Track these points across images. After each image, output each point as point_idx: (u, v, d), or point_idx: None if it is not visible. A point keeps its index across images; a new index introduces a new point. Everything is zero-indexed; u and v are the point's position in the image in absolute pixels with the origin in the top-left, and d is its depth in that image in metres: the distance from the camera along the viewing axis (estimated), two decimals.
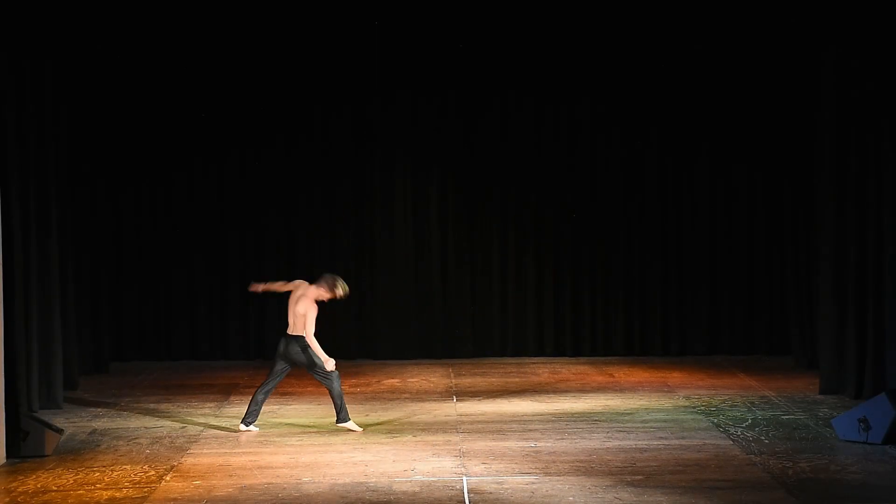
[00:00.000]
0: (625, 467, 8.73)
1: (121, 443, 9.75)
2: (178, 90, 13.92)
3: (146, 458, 9.20)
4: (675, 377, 12.73)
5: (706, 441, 9.59)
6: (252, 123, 14.07)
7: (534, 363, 13.86)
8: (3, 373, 9.28)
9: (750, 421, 10.36)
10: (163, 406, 11.31)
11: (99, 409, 11.16)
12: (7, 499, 8.11)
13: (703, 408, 10.97)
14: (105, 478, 8.59)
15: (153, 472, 8.72)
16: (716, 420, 10.39)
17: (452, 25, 13.92)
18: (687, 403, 11.21)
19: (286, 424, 10.41)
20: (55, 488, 8.33)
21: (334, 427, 10.24)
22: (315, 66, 13.98)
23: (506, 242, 14.37)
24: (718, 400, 11.35)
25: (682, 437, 9.73)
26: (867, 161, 11.06)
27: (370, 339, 14.24)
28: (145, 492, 8.21)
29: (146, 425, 10.43)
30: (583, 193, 14.30)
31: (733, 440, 9.60)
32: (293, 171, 14.18)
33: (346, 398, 11.70)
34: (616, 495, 7.97)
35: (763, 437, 9.70)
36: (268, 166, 14.14)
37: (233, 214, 14.17)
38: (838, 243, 11.50)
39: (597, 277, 14.36)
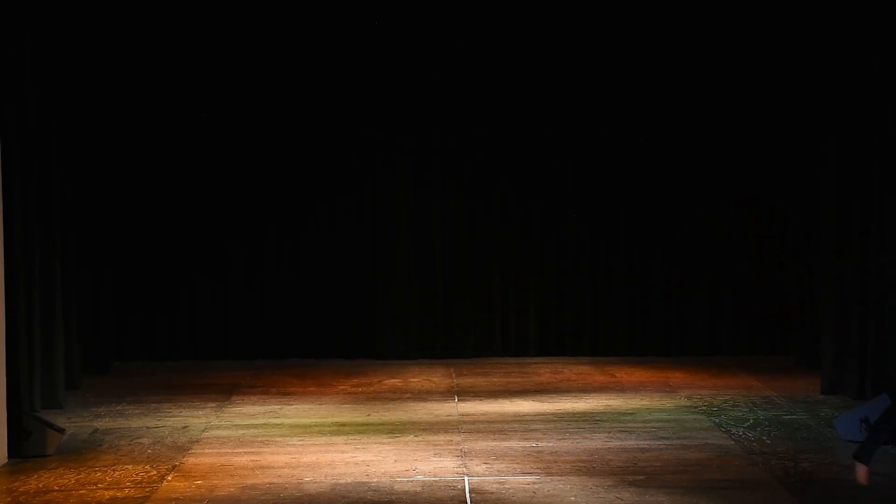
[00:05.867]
0: (626, 467, 8.73)
1: (122, 442, 9.75)
2: (181, 88, 13.90)
3: (148, 457, 9.20)
4: (676, 377, 12.73)
5: (708, 441, 9.59)
6: (257, 125, 14.01)
7: (535, 363, 13.85)
8: (4, 373, 9.29)
9: (752, 421, 10.35)
10: (164, 406, 11.30)
11: (101, 409, 11.15)
12: (9, 498, 8.12)
13: (704, 408, 10.96)
14: (107, 477, 8.60)
15: (155, 472, 8.72)
16: (717, 420, 10.38)
17: (449, 35, 13.96)
18: (688, 403, 11.21)
19: (288, 425, 10.41)
20: (57, 488, 8.33)
21: (336, 426, 10.23)
22: (320, 69, 13.99)
23: (507, 242, 14.34)
24: (720, 400, 11.34)
25: (684, 437, 9.73)
26: (871, 156, 11.04)
27: (371, 338, 14.23)
28: (147, 491, 8.21)
29: (148, 425, 10.43)
30: (584, 192, 14.27)
31: (735, 440, 9.60)
32: (295, 172, 14.14)
33: (347, 398, 11.77)
34: (618, 495, 7.97)
35: (765, 437, 9.69)
36: (270, 170, 14.11)
37: (236, 215, 14.14)
38: (840, 243, 11.49)
39: (598, 277, 14.33)
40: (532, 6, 13.98)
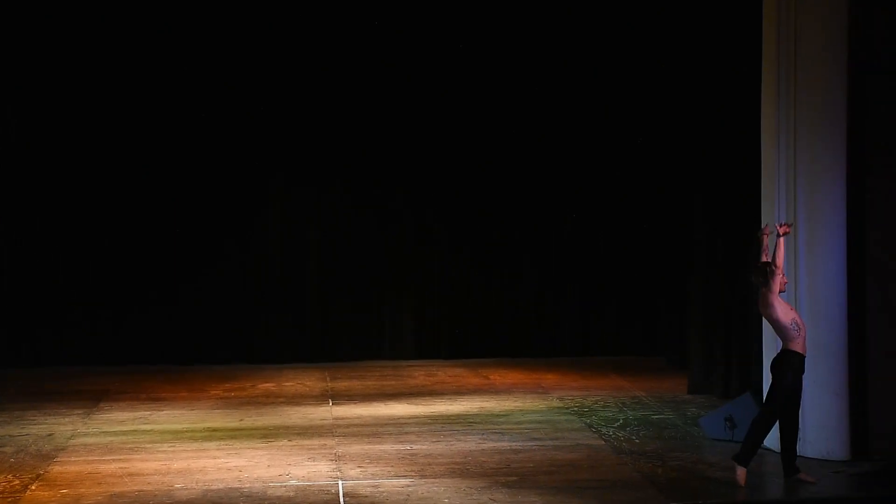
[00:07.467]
0: (499, 468, 8.82)
1: None
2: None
3: (10, 467, 8.92)
4: (549, 379, 12.90)
5: (579, 441, 9.74)
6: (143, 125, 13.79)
7: (410, 366, 13.88)
8: None
9: (621, 421, 10.56)
10: (29, 413, 10.98)
11: None
12: None
13: (576, 409, 11.14)
14: None
15: (18, 482, 8.47)
16: (588, 421, 10.56)
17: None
18: (560, 404, 11.37)
19: (158, 431, 10.22)
20: None
21: (208, 432, 10.08)
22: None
23: (381, 246, 14.33)
24: (591, 401, 11.54)
25: (556, 438, 9.86)
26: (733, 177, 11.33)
27: (244, 342, 14.07)
28: (9, 502, 7.97)
29: (11, 433, 10.12)
30: (451, 191, 14.29)
31: (605, 440, 9.78)
32: (167, 174, 13.95)
33: (219, 403, 11.61)
34: (491, 496, 8.04)
35: (634, 437, 9.89)
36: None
37: (101, 217, 13.83)
38: (708, 249, 11.80)
39: (472, 279, 14.44)
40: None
